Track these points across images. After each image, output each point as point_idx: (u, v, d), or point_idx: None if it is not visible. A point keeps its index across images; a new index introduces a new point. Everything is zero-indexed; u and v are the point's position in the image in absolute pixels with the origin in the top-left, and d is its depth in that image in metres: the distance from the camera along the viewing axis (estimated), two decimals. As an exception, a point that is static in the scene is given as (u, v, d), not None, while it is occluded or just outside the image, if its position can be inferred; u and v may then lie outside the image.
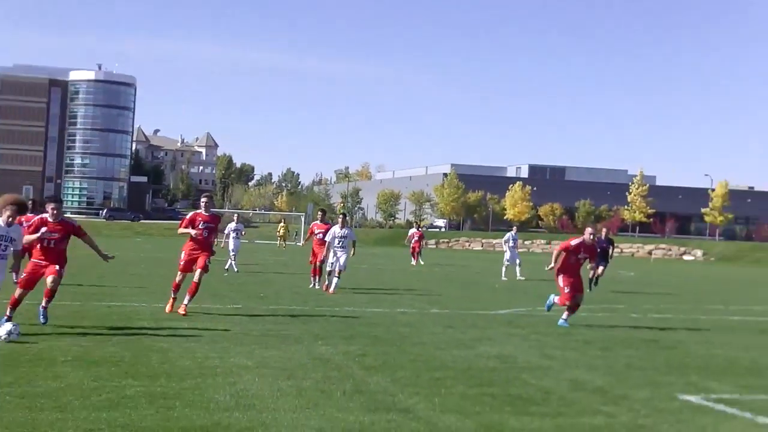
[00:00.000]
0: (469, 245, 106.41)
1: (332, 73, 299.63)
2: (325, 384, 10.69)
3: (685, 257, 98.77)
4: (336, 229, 26.16)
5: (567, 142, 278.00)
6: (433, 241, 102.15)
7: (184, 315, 17.27)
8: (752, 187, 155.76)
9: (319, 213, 29.01)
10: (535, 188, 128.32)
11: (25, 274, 14.87)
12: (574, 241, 19.42)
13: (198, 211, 18.53)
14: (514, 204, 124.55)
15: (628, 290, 32.66)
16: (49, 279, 14.68)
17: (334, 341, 14.72)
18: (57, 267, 14.76)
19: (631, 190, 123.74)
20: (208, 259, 18.06)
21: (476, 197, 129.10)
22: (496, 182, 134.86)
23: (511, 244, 39.10)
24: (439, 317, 19.88)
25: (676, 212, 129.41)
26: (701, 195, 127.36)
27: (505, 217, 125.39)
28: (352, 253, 26.52)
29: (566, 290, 18.95)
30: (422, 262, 49.58)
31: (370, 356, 13.20)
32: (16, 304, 14.53)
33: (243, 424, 8.47)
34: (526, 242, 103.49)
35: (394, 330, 16.80)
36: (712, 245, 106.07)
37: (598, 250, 31.70)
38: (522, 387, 11.19)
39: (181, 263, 18.13)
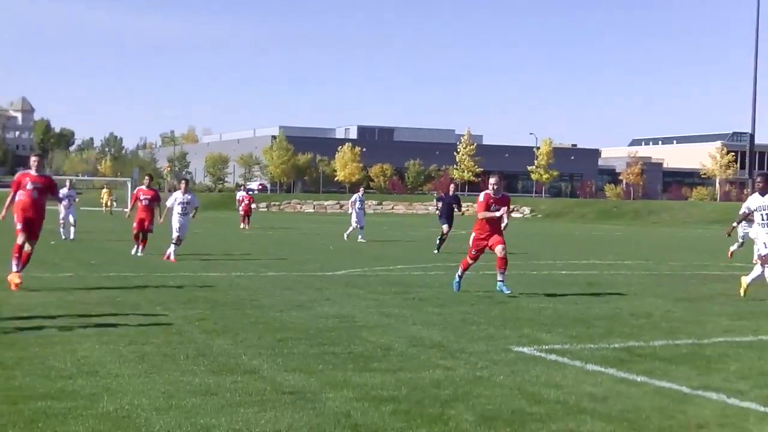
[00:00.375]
0: (301, 207, 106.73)
1: (152, 32, 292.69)
2: (167, 348, 10.66)
3: (514, 214, 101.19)
4: (178, 195, 25.78)
5: (395, 102, 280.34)
6: (264, 204, 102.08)
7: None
8: (575, 145, 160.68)
9: (146, 178, 28.22)
10: (364, 149, 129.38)
11: None
12: (481, 197, 18.04)
13: (27, 170, 17.36)
14: (344, 165, 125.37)
15: (460, 249, 33.32)
16: None
17: (173, 306, 14.66)
18: None
19: (459, 150, 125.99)
20: (40, 227, 17.19)
21: (306, 159, 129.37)
22: (326, 144, 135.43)
23: (358, 205, 39.39)
24: (276, 280, 19.98)
25: (503, 170, 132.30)
26: (527, 153, 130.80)
27: (335, 179, 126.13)
28: (192, 216, 26.26)
29: (473, 251, 18.15)
30: (246, 227, 49.38)
31: (211, 320, 13.20)
32: None
33: (88, 390, 8.40)
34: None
35: (233, 293, 16.84)
36: (538, 202, 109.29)
37: (450, 204, 32.37)
38: (362, 345, 11.39)
39: (19, 226, 16.68)
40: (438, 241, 31.48)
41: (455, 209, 32.29)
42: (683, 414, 8.18)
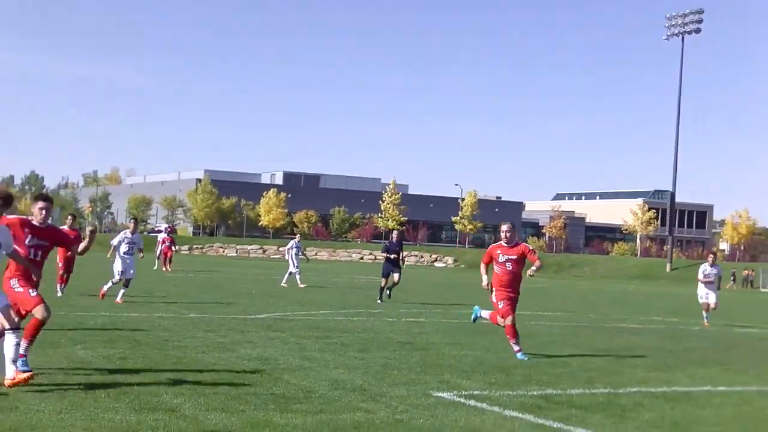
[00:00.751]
0: (224, 251, 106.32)
1: (76, 73, 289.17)
2: (88, 386, 10.61)
3: (437, 264, 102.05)
4: (127, 234, 25.63)
5: (321, 150, 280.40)
6: (186, 247, 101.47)
7: None
8: (500, 197, 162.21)
9: (69, 218, 27.58)
10: (289, 195, 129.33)
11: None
12: (489, 248, 17.16)
13: None
14: (268, 210, 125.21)
15: (401, 299, 33.45)
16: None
17: (94, 345, 14.57)
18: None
19: (384, 199, 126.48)
20: None
21: (230, 203, 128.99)
22: (251, 189, 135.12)
23: (294, 251, 39.47)
24: (198, 321, 19.92)
25: (428, 220, 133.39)
26: (452, 204, 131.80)
27: (260, 224, 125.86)
28: (141, 256, 26.19)
29: (500, 305, 16.71)
30: (168, 269, 49.13)
31: (132, 359, 13.17)
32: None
33: (8, 425, 8.36)
34: (280, 249, 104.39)
35: (154, 334, 16.76)
36: (462, 252, 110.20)
37: (398, 252, 31.68)
38: (284, 387, 11.45)
39: None
40: (388, 291, 30.85)
41: (401, 257, 31.55)
42: (597, 459, 8.38)
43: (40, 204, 11.63)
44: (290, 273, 38.80)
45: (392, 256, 30.81)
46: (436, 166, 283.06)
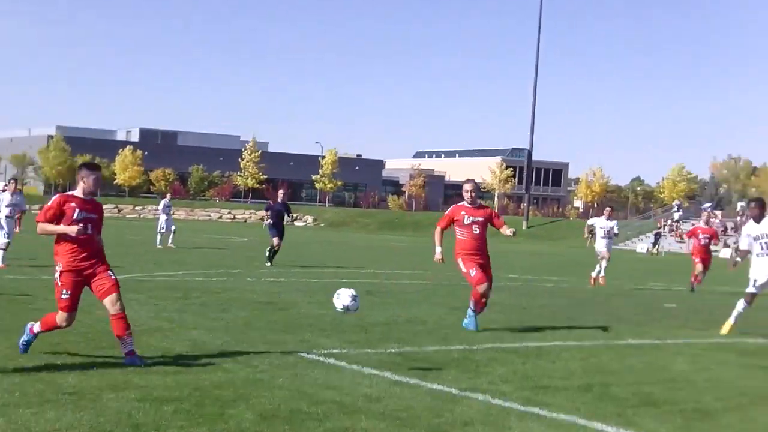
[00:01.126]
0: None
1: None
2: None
3: (297, 223, 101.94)
4: (6, 196, 24.11)
5: (179, 106, 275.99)
6: (37, 207, 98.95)
7: None
8: (360, 155, 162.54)
9: None
10: (146, 153, 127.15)
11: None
12: (447, 211, 15.89)
13: None
14: (124, 168, 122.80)
15: (243, 255, 33.42)
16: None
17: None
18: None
19: (243, 156, 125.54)
20: None
21: (84, 161, 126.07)
22: (106, 146, 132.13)
23: (168, 211, 39.49)
24: (51, 283, 19.53)
25: (288, 179, 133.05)
26: (312, 162, 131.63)
27: (115, 182, 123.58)
28: (18, 218, 24.73)
29: (471, 273, 15.20)
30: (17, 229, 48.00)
31: (-14, 322, 12.96)
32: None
33: None
34: (137, 208, 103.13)
35: (6, 297, 16.56)
36: (322, 211, 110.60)
37: (285, 213, 28.74)
38: (143, 348, 11.39)
39: None
40: (268, 253, 29.13)
41: (286, 218, 29.38)
42: (451, 413, 8.67)
43: (95, 174, 10.86)
44: (173, 232, 38.67)
45: (271, 222, 28.82)
46: (296, 123, 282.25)
